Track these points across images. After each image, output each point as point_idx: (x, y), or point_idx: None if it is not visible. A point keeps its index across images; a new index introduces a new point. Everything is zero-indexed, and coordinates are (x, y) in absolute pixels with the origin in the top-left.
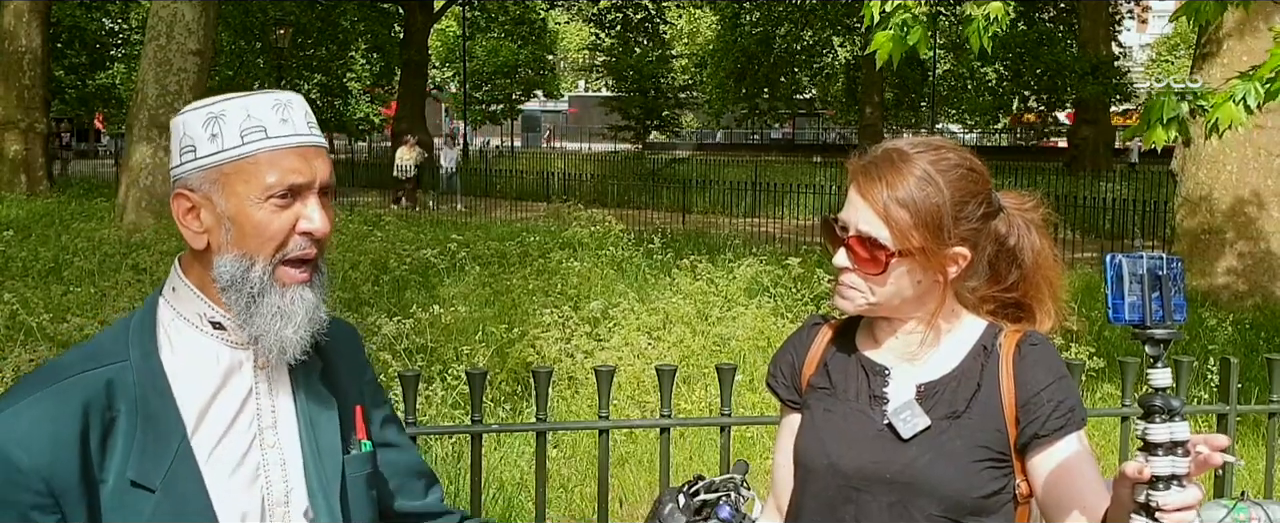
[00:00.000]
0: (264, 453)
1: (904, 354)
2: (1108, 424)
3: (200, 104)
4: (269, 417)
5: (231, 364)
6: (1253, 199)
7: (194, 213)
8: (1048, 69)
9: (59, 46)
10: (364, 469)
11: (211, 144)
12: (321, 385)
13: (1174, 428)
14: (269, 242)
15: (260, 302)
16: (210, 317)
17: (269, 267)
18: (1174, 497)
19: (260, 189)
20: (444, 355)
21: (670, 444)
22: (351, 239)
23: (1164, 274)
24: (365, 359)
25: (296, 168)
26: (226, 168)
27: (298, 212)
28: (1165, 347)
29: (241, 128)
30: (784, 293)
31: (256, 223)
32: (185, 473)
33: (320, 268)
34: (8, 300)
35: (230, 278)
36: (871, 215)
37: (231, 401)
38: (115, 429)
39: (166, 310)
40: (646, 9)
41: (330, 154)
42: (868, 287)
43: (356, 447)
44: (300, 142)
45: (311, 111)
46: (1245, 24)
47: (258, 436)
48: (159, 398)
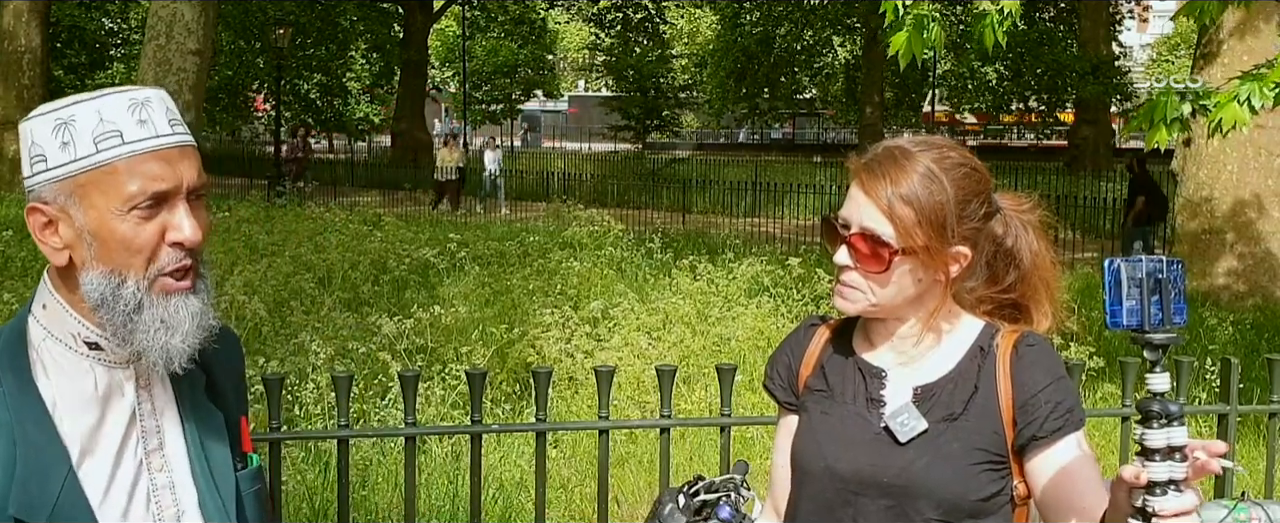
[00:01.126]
0: (152, 477)
1: (901, 356)
2: (1107, 425)
3: (48, 108)
4: (155, 439)
5: (111, 386)
6: (1253, 200)
7: (51, 228)
8: (1048, 69)
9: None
10: (255, 485)
11: (63, 153)
12: (206, 400)
13: (1172, 433)
14: (136, 256)
15: (138, 317)
16: (85, 337)
17: (144, 281)
18: (1171, 502)
19: (121, 200)
20: (444, 355)
21: (670, 445)
22: (351, 239)
23: (1164, 277)
24: (243, 366)
25: (159, 174)
26: (81, 178)
27: (165, 221)
28: (1164, 351)
29: (95, 134)
30: (784, 293)
31: (120, 237)
32: (73, 506)
33: (201, 272)
34: (8, 300)
35: (100, 296)
36: (875, 212)
37: (115, 425)
38: None
39: (37, 330)
40: (646, 9)
41: (330, 153)
42: (869, 287)
43: (246, 461)
44: (161, 144)
45: (175, 109)
46: (1246, 24)
47: (144, 459)
48: (38, 428)
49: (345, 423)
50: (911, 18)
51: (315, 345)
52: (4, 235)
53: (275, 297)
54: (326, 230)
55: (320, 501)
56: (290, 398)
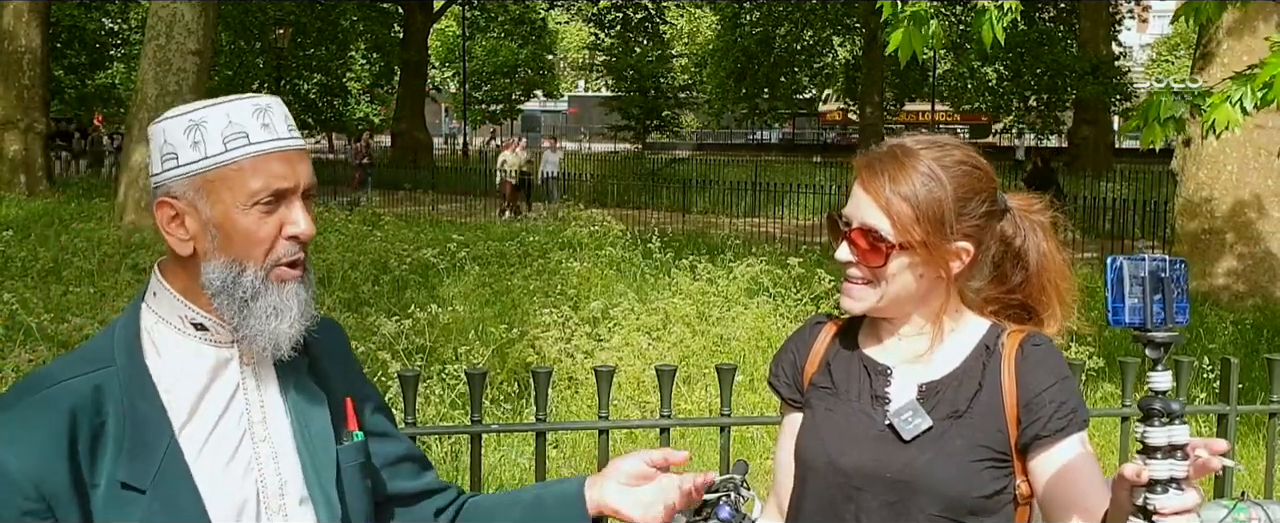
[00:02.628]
0: (256, 447)
1: (906, 354)
2: (1108, 425)
3: (180, 110)
4: (258, 411)
5: (216, 362)
6: (1253, 200)
7: (178, 220)
8: (1048, 69)
9: (59, 46)
10: (357, 459)
11: (194, 151)
12: (309, 379)
13: (1173, 431)
14: (257, 247)
15: (254, 304)
16: (191, 319)
17: (262, 271)
18: (1172, 500)
19: (246, 195)
20: (444, 355)
21: (670, 445)
22: (351, 239)
23: (1166, 276)
24: (351, 353)
25: (281, 173)
26: (211, 175)
27: (283, 216)
28: (1166, 350)
29: (224, 135)
30: (784, 293)
31: (243, 229)
32: (174, 472)
33: (307, 267)
34: (7, 300)
35: (221, 284)
36: (873, 208)
37: (218, 398)
38: (104, 434)
39: (149, 316)
40: (646, 9)
41: (330, 153)
42: (872, 285)
43: (349, 438)
44: (283, 146)
45: (291, 116)
46: (1245, 24)
47: (248, 430)
48: (145, 401)
49: None
50: (909, 13)
51: None
52: (4, 235)
53: None
54: (326, 230)
55: None
56: None
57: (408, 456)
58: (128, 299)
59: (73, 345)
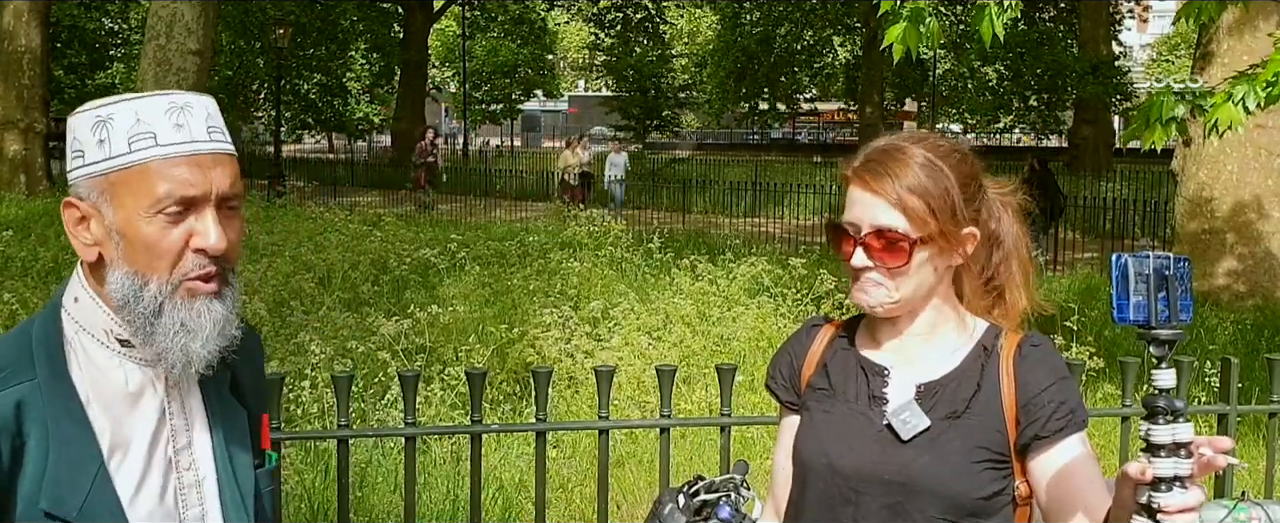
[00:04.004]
0: (180, 476)
1: (904, 355)
2: (1108, 425)
3: (91, 105)
4: (183, 438)
5: (142, 384)
6: (1253, 200)
7: (83, 223)
8: (1048, 69)
9: (59, 46)
10: (271, 483)
11: (99, 150)
12: (231, 398)
13: (1177, 429)
14: (160, 260)
15: (159, 320)
16: (117, 333)
17: (166, 286)
18: (1176, 498)
19: (149, 202)
20: (444, 355)
21: (670, 445)
22: (351, 239)
23: (1170, 274)
24: (263, 364)
25: (188, 180)
26: (113, 177)
27: (191, 227)
28: (1170, 347)
29: (129, 134)
30: (784, 293)
31: (145, 239)
32: (103, 503)
33: (230, 281)
34: (7, 300)
35: (123, 297)
36: (886, 208)
37: (145, 424)
38: (25, 455)
39: (70, 324)
40: (646, 9)
41: (330, 153)
42: (892, 284)
43: (265, 459)
44: (195, 150)
45: (219, 116)
46: (1245, 24)
47: (173, 458)
48: (72, 422)
49: (345, 423)
50: (908, 11)
51: (315, 345)
52: (4, 235)
53: (275, 297)
54: (326, 230)
55: (320, 501)
56: (290, 398)
57: None
58: None
59: None
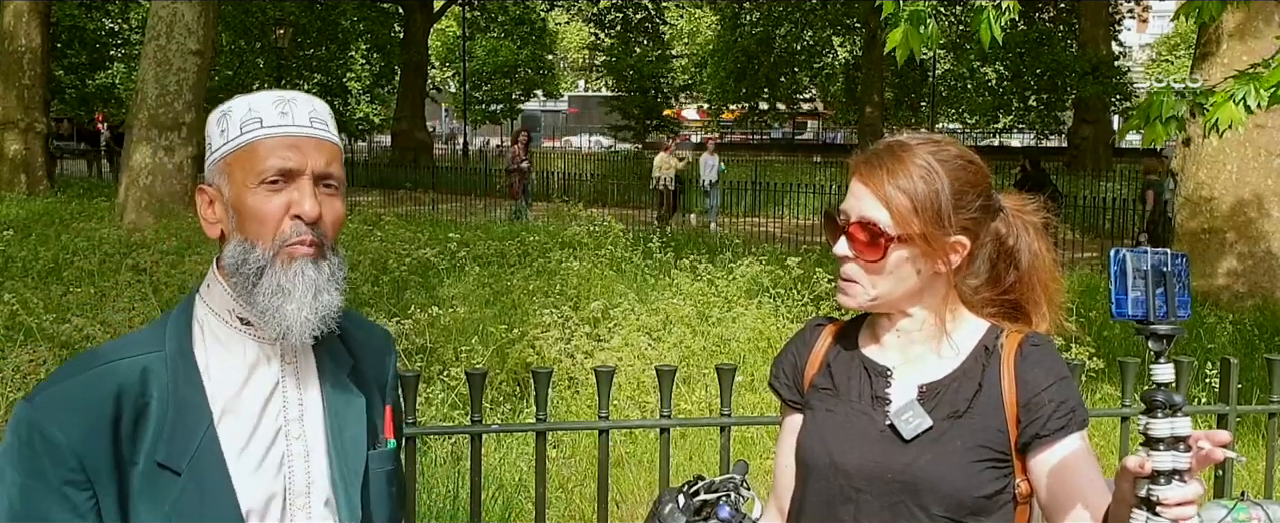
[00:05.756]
0: (289, 444)
1: (906, 354)
2: (1108, 425)
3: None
4: (295, 409)
5: (258, 357)
6: (1253, 200)
7: (211, 206)
8: (1048, 69)
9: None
10: (386, 466)
11: (220, 138)
12: (349, 382)
13: (1175, 423)
14: (262, 225)
15: (259, 281)
16: (238, 312)
17: (269, 251)
18: (1175, 492)
19: (254, 175)
20: (444, 356)
21: (670, 444)
22: (351, 239)
23: (1168, 270)
24: (394, 362)
25: (286, 154)
26: (229, 158)
27: (289, 197)
28: (1168, 342)
29: (242, 120)
30: (784, 293)
31: (250, 208)
32: (210, 458)
33: (326, 255)
34: (8, 300)
35: (234, 263)
36: (872, 201)
37: (258, 392)
38: (147, 414)
39: (201, 306)
40: (646, 9)
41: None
42: (869, 280)
43: (381, 444)
44: (294, 132)
45: (325, 113)
46: (1245, 24)
47: (283, 427)
48: (189, 387)
49: None
50: (908, 13)
51: None
52: (4, 235)
53: None
54: None
55: None
56: None
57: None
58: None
59: (74, 345)
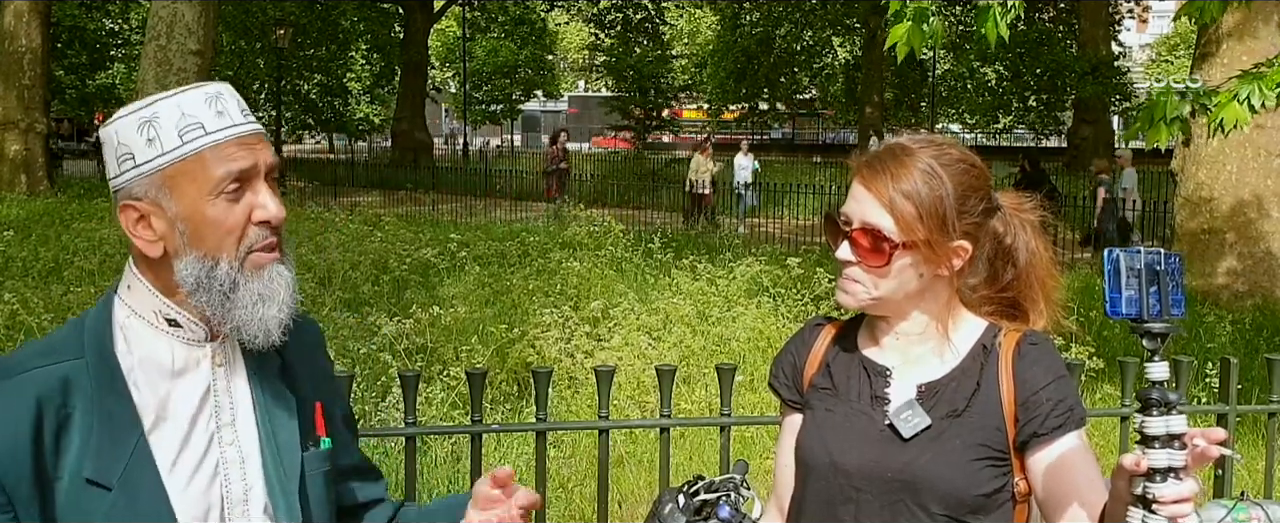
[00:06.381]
0: (222, 451)
1: (905, 355)
2: (1107, 425)
3: (130, 109)
4: (227, 414)
5: (187, 362)
6: (1253, 200)
7: (144, 222)
8: (1048, 69)
9: (59, 46)
10: (323, 467)
11: (150, 149)
12: (280, 382)
13: (1171, 421)
14: (228, 236)
15: (235, 295)
16: (166, 314)
17: (236, 261)
18: (1171, 489)
19: (210, 185)
20: (444, 355)
21: (670, 444)
22: (351, 239)
23: (1162, 269)
24: (326, 355)
25: (240, 156)
26: (169, 171)
27: (250, 202)
28: (1162, 341)
29: (179, 127)
30: (784, 293)
31: (212, 220)
32: (142, 471)
33: (284, 250)
34: (8, 300)
35: (195, 281)
36: (876, 207)
37: (189, 398)
38: (70, 426)
39: (122, 309)
40: (646, 9)
41: (330, 153)
42: (871, 281)
43: (315, 444)
44: (239, 131)
45: (241, 98)
46: (1245, 24)
47: (216, 433)
48: (115, 396)
49: None
50: (912, 11)
51: None
52: (4, 235)
53: None
54: (326, 230)
55: None
56: None
57: (359, 467)
58: None
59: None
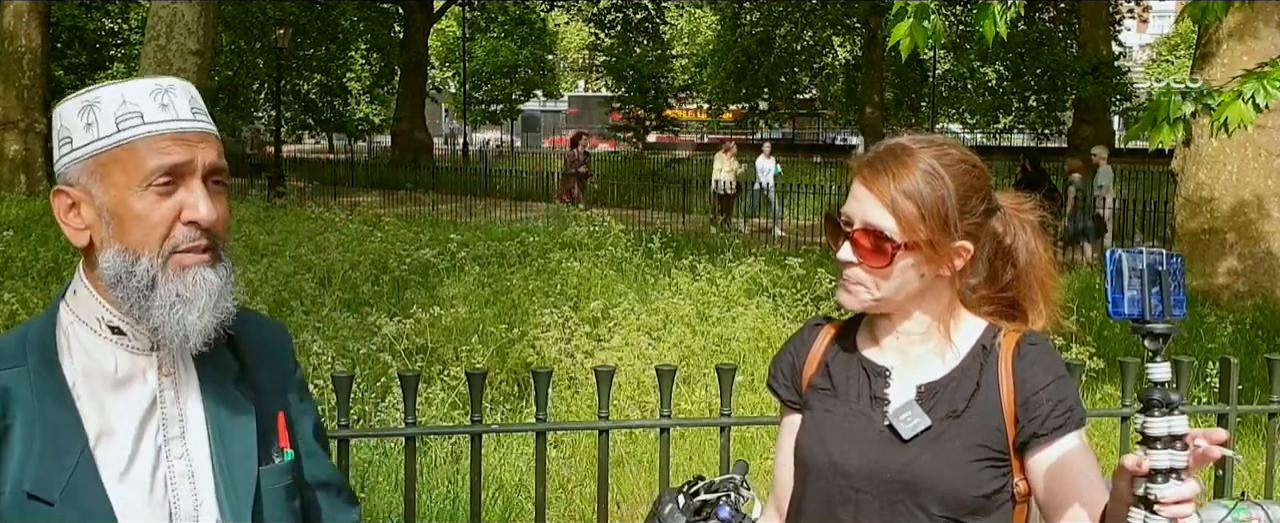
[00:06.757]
0: (170, 464)
1: (905, 355)
2: (1107, 425)
3: (78, 93)
4: (176, 426)
5: (133, 371)
6: (1253, 200)
7: (74, 209)
8: (1048, 69)
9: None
10: (283, 481)
11: (87, 133)
12: (236, 391)
13: (1172, 422)
14: (152, 232)
15: (153, 293)
16: (108, 321)
17: (159, 259)
18: (1172, 490)
19: (139, 177)
20: (444, 356)
21: (670, 445)
22: (351, 239)
23: (1164, 270)
24: (293, 359)
25: (174, 151)
26: (102, 157)
27: (181, 200)
28: (1164, 341)
29: (117, 115)
30: (784, 293)
31: (136, 213)
32: (86, 485)
33: (221, 256)
34: (7, 300)
35: (114, 275)
36: (878, 208)
37: (134, 410)
38: (10, 438)
39: (66, 314)
40: (646, 9)
41: (330, 153)
42: (872, 281)
43: (279, 455)
44: (180, 127)
45: (201, 100)
46: (1246, 25)
47: (163, 446)
48: (58, 407)
49: (345, 423)
50: (913, 8)
51: (315, 346)
52: (4, 235)
53: (276, 297)
54: (327, 230)
55: None
56: None
57: (328, 483)
58: None
59: None
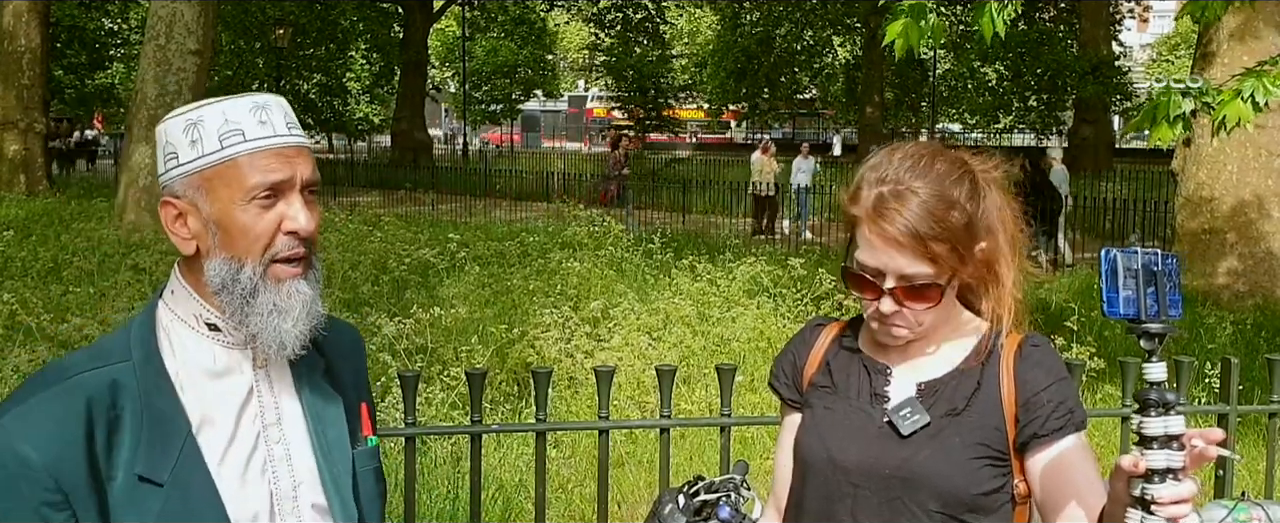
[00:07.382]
0: (269, 448)
1: (906, 354)
2: (1108, 425)
3: (181, 111)
4: (272, 413)
5: (229, 364)
6: (1253, 200)
7: (181, 220)
8: (1048, 69)
9: (58, 46)
10: (372, 463)
11: (192, 150)
12: (325, 383)
13: (1169, 422)
14: (255, 243)
15: (254, 301)
16: (206, 318)
17: (259, 267)
18: (1169, 490)
19: (242, 191)
20: (444, 356)
21: (670, 445)
22: (351, 239)
23: (1159, 270)
24: (364, 358)
25: (276, 167)
26: (207, 173)
27: (281, 211)
28: (1160, 341)
29: (220, 132)
30: (784, 293)
31: (241, 225)
32: (192, 468)
33: (313, 264)
34: (8, 300)
35: (221, 281)
36: (907, 258)
37: (232, 400)
38: (121, 427)
39: (165, 313)
40: (646, 9)
41: (330, 153)
42: (917, 318)
43: (362, 442)
44: (279, 143)
45: (293, 114)
46: (1247, 25)
47: (262, 432)
48: (162, 398)
49: None
50: (908, 7)
51: None
52: (4, 235)
53: None
54: (326, 230)
55: None
56: None
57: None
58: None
59: (73, 345)
